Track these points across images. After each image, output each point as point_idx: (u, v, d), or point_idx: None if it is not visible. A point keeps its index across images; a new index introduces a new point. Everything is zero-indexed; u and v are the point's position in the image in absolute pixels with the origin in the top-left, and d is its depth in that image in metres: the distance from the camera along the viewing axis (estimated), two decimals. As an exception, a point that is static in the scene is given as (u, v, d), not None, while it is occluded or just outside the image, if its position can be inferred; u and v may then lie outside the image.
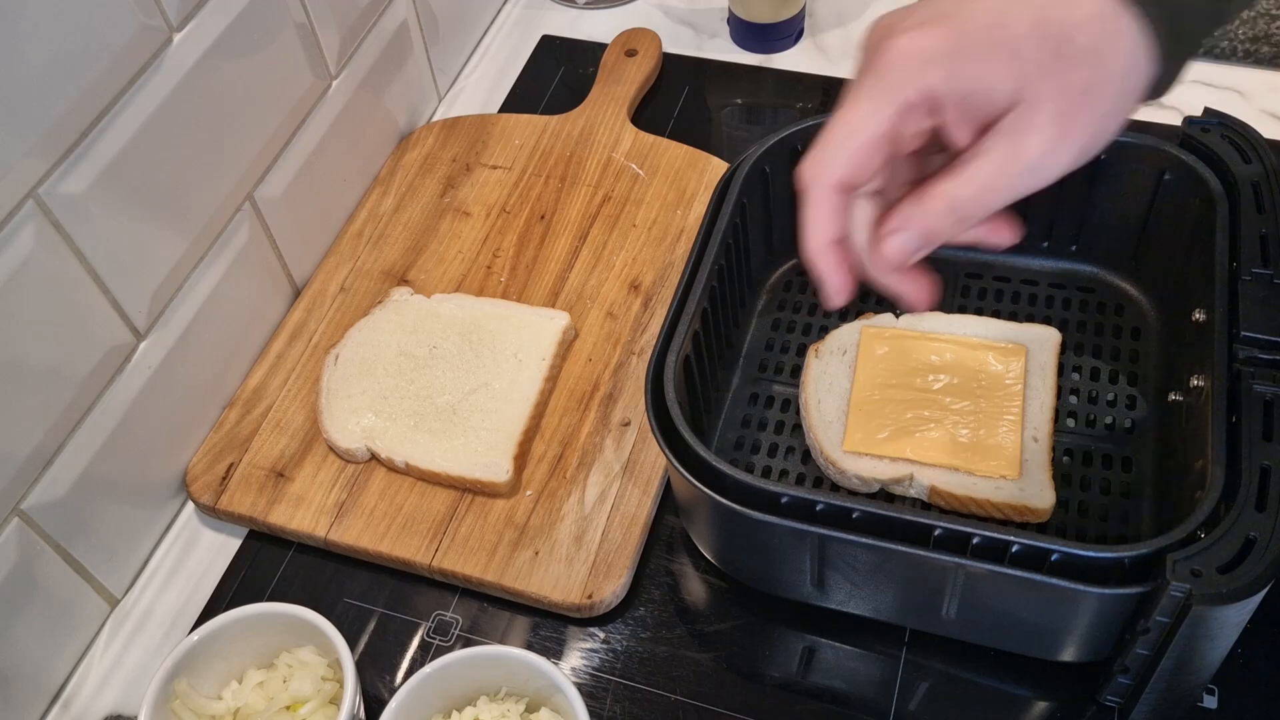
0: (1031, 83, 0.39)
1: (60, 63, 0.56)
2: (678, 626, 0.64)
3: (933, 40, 0.38)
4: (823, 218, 0.41)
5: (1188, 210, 0.66)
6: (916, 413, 0.66)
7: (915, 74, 0.38)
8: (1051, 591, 0.52)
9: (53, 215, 0.58)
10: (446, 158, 0.88)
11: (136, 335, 0.66)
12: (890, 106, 0.39)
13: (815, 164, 0.40)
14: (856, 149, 0.39)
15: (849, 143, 0.39)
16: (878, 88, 0.39)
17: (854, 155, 0.40)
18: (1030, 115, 0.39)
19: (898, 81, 0.38)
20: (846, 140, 0.39)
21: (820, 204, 0.41)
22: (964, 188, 0.41)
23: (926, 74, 0.38)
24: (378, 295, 0.79)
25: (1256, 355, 0.57)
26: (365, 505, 0.69)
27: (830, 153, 0.40)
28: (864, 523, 0.54)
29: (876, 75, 0.39)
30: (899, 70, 0.38)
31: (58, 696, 0.65)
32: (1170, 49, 0.40)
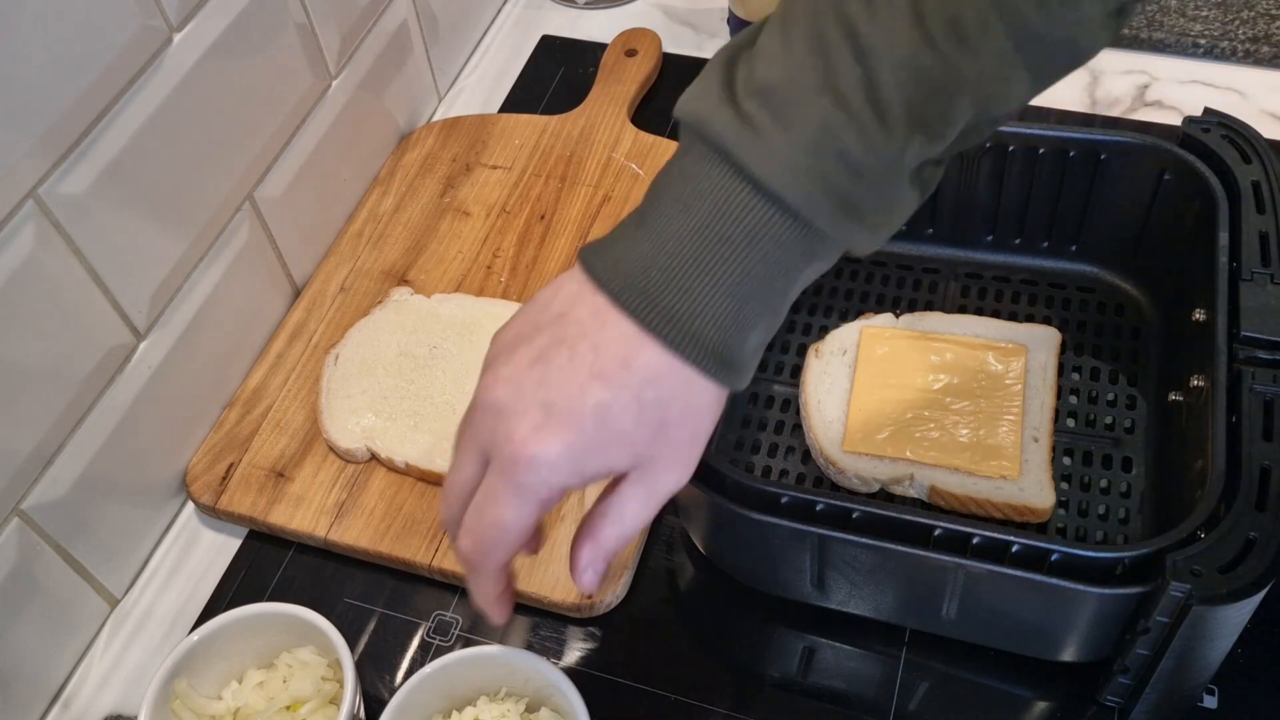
0: (646, 450, 0.45)
1: (60, 63, 0.56)
2: (678, 627, 0.64)
3: (556, 448, 0.43)
4: (490, 585, 0.48)
5: (1188, 210, 0.66)
6: (917, 413, 0.66)
7: (547, 479, 0.44)
8: (1051, 591, 0.52)
9: (53, 215, 0.58)
10: (446, 158, 0.88)
11: (136, 335, 0.66)
12: (530, 506, 0.44)
13: (478, 556, 0.46)
14: (512, 542, 0.45)
15: (504, 539, 0.45)
16: (517, 493, 0.44)
17: (511, 546, 0.46)
18: (653, 466, 0.45)
19: (533, 488, 0.44)
20: (501, 538, 0.45)
21: (487, 579, 0.48)
22: (623, 525, 0.46)
23: (556, 477, 0.44)
24: (378, 295, 0.79)
25: (1256, 355, 0.57)
26: (365, 505, 0.69)
27: (490, 549, 0.46)
28: (864, 523, 0.54)
29: (508, 478, 0.44)
30: (531, 478, 0.44)
31: (58, 696, 0.65)
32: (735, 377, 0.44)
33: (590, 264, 0.44)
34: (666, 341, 0.43)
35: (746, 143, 0.41)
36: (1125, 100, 0.87)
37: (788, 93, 0.40)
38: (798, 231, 0.42)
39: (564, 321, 0.44)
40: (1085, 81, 0.88)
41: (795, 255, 0.43)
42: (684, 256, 0.42)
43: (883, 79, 0.40)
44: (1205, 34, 0.89)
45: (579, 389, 0.43)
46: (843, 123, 0.40)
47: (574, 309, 0.44)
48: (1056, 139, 0.68)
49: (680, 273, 0.42)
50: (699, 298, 0.42)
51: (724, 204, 0.42)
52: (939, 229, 0.75)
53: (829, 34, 0.40)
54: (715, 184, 0.42)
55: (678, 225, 0.42)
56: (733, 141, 0.41)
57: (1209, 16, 0.90)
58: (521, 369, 0.44)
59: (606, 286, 0.43)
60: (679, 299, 0.42)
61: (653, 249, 0.43)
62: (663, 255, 0.43)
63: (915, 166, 0.42)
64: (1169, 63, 0.89)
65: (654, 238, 0.43)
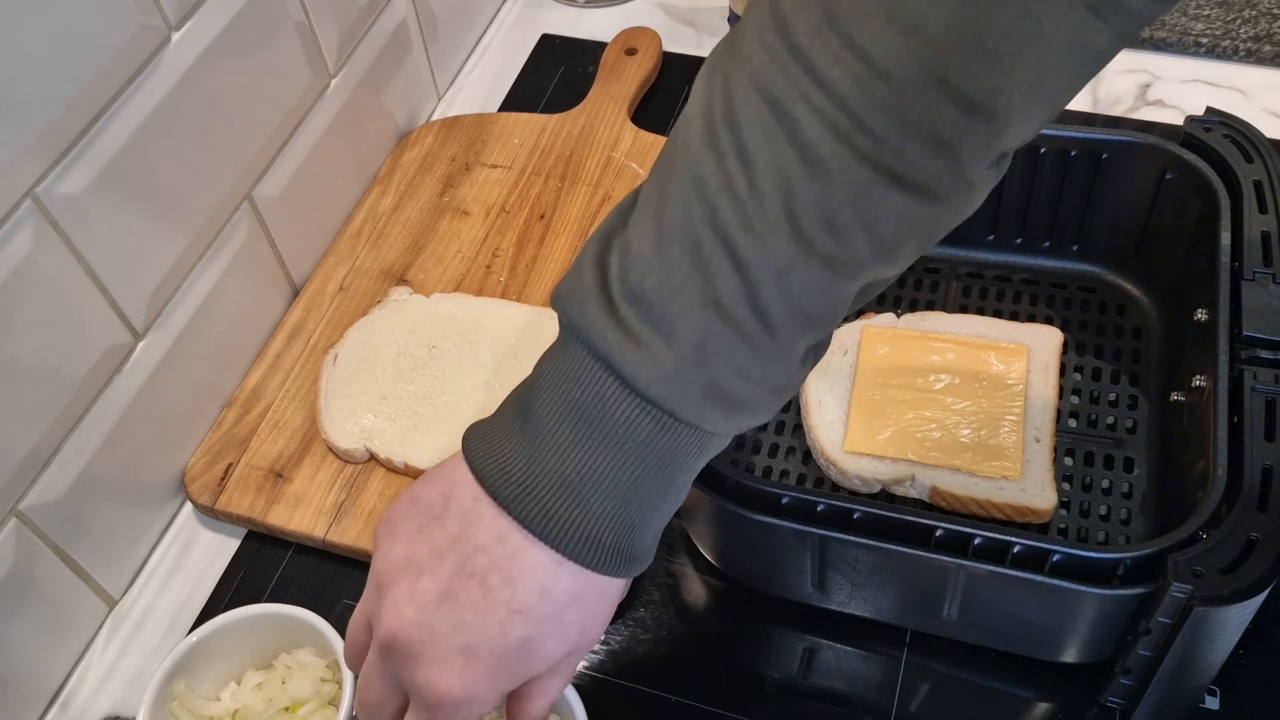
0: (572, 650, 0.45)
1: (58, 62, 0.56)
2: (678, 627, 0.64)
3: (481, 688, 0.43)
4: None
5: (1190, 209, 0.66)
6: (918, 413, 0.66)
7: (477, 712, 0.44)
8: (1053, 592, 0.52)
9: (51, 215, 0.58)
10: (446, 157, 0.87)
11: (135, 335, 0.66)
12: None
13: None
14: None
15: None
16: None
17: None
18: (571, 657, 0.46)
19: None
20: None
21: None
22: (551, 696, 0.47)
23: (484, 708, 0.44)
24: (377, 295, 0.79)
25: (1258, 355, 0.57)
26: (364, 506, 0.68)
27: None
28: (865, 523, 0.54)
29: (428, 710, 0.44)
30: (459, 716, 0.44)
31: (56, 697, 0.65)
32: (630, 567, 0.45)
33: (484, 472, 0.43)
34: (581, 562, 0.42)
35: (630, 356, 0.40)
36: (1127, 99, 0.87)
37: (668, 305, 0.40)
38: (690, 435, 0.42)
39: (466, 546, 0.43)
40: (1086, 80, 0.88)
41: (688, 453, 0.42)
42: (581, 471, 0.42)
43: (765, 291, 0.39)
44: (1207, 33, 0.89)
45: (500, 628, 0.42)
46: (728, 336, 0.40)
47: (475, 531, 0.43)
48: (1058, 138, 0.68)
49: (580, 488, 0.42)
50: (601, 514, 0.42)
51: (612, 414, 0.41)
52: (940, 228, 0.75)
53: (705, 247, 0.39)
54: (601, 394, 0.41)
55: (569, 435, 0.42)
56: (617, 355, 0.40)
57: (1211, 15, 0.90)
58: (430, 607, 0.43)
59: (510, 508, 0.42)
60: (584, 518, 0.42)
61: (544, 457, 0.42)
62: (559, 469, 0.42)
63: (803, 352, 0.42)
64: (1171, 62, 0.89)
65: (546, 447, 0.42)
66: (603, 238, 0.42)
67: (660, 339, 0.40)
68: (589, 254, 0.42)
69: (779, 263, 0.39)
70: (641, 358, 0.40)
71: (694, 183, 0.39)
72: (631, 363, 0.40)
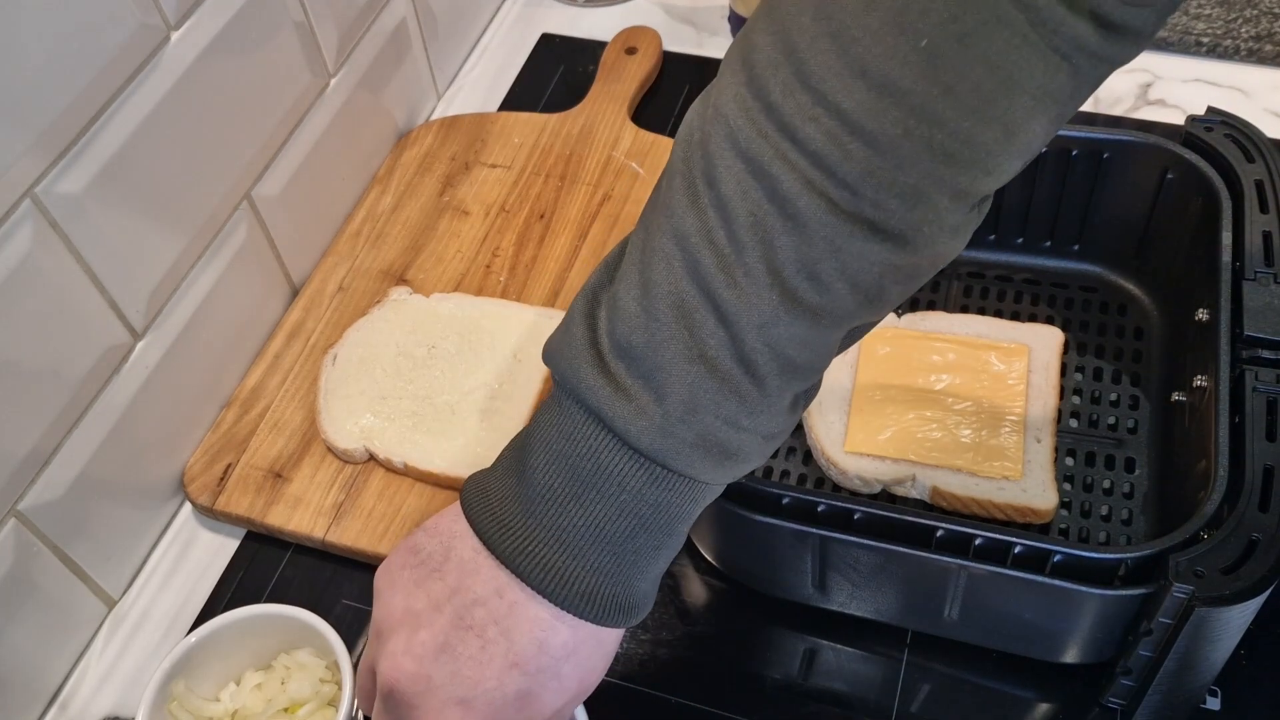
0: (575, 696, 0.45)
1: (57, 61, 0.56)
2: (678, 628, 0.64)
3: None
4: None
5: (1191, 209, 0.66)
6: (918, 413, 0.66)
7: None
8: (1054, 593, 0.52)
9: (50, 215, 0.57)
10: (445, 156, 0.87)
11: (134, 335, 0.65)
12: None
13: None
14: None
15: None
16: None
17: None
18: (573, 703, 0.46)
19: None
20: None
21: None
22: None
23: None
24: (376, 295, 0.79)
25: (1260, 355, 0.57)
26: (364, 506, 0.68)
27: None
28: (865, 524, 0.54)
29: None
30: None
31: (55, 698, 0.65)
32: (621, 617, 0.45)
33: (483, 526, 0.44)
34: (579, 614, 0.43)
35: (621, 411, 0.41)
36: (1128, 99, 0.87)
37: (655, 359, 0.40)
38: (683, 486, 0.42)
39: (464, 599, 0.43)
40: (1087, 80, 0.88)
41: (682, 503, 0.43)
42: (576, 524, 0.42)
43: (749, 343, 0.40)
44: (1208, 32, 0.89)
45: (497, 680, 0.43)
46: (715, 389, 0.40)
47: (473, 583, 0.43)
48: (1059, 138, 0.68)
49: (576, 542, 0.42)
50: (598, 567, 0.42)
51: (605, 467, 0.42)
52: (940, 228, 0.74)
53: (689, 301, 0.40)
54: (594, 448, 0.42)
55: (564, 490, 0.42)
56: (608, 409, 0.41)
57: (1212, 15, 0.90)
58: (428, 659, 0.43)
59: (509, 562, 0.43)
60: (581, 571, 0.42)
61: (539, 511, 0.43)
62: (555, 522, 0.42)
63: (791, 400, 0.42)
64: (1172, 61, 0.89)
65: (540, 500, 0.43)
66: (590, 293, 0.43)
67: (650, 393, 0.40)
68: (578, 309, 0.43)
69: (762, 315, 0.39)
70: (632, 412, 0.41)
71: (676, 237, 0.40)
72: (622, 418, 0.41)
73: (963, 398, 0.67)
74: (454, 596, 0.44)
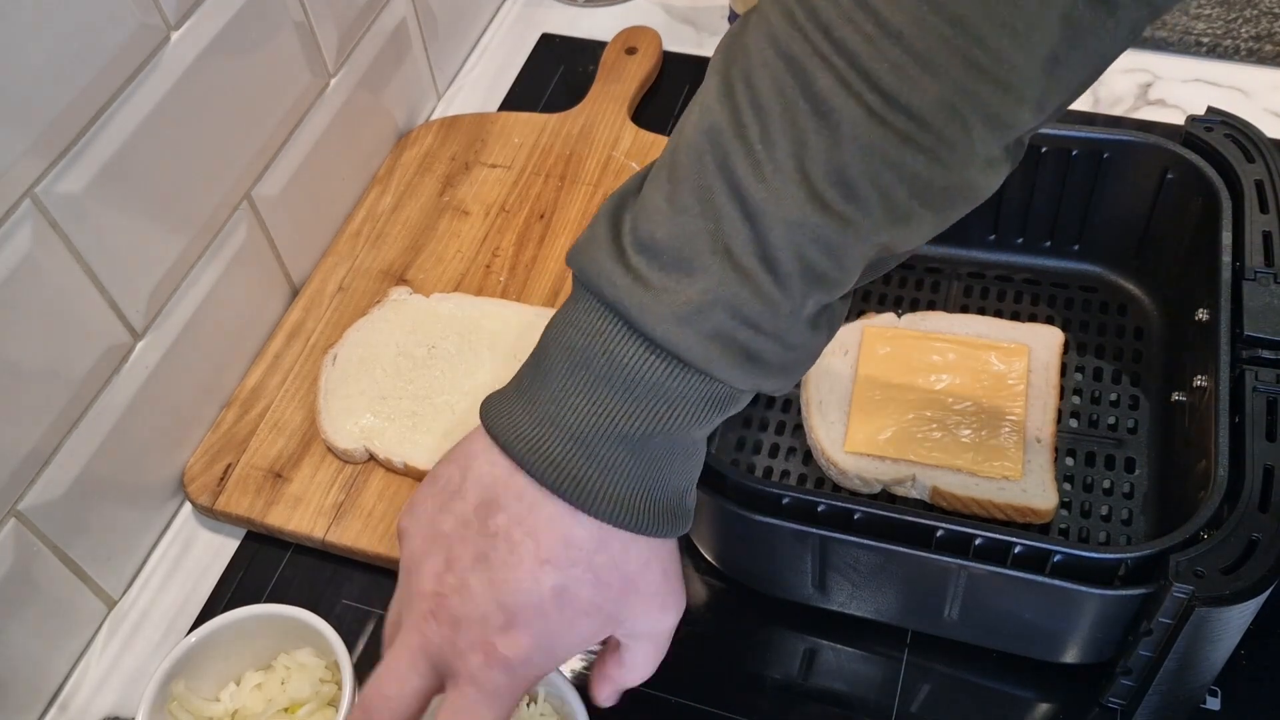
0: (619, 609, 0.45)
1: (57, 61, 0.56)
2: (678, 629, 0.64)
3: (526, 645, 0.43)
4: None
5: (1191, 209, 0.66)
6: (919, 413, 0.66)
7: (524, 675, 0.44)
8: (1054, 593, 0.52)
9: (50, 215, 0.57)
10: (445, 156, 0.87)
11: (134, 335, 0.65)
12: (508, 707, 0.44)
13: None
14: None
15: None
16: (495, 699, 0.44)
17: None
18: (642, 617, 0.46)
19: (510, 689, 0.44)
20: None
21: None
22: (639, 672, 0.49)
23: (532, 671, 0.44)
24: (376, 295, 0.79)
25: (1260, 355, 0.57)
26: (364, 506, 0.68)
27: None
28: (866, 524, 0.54)
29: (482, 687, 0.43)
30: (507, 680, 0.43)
31: (55, 698, 0.65)
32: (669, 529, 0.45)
33: (498, 433, 0.43)
34: (592, 513, 0.42)
35: (639, 301, 0.40)
36: (1128, 99, 0.87)
37: (678, 251, 0.40)
38: (700, 384, 0.41)
39: (487, 509, 0.43)
40: (1087, 80, 0.88)
41: (700, 406, 0.42)
42: (590, 421, 0.42)
43: (774, 240, 0.39)
44: (1208, 32, 0.89)
45: (531, 580, 0.43)
46: (736, 282, 0.39)
47: (496, 494, 0.43)
48: (1059, 138, 0.68)
49: (589, 439, 0.42)
50: (612, 464, 0.42)
51: (619, 359, 0.41)
52: (940, 228, 0.74)
53: (717, 194, 0.39)
54: (611, 342, 0.41)
55: (578, 386, 0.42)
56: (626, 300, 0.40)
57: (1212, 15, 0.90)
58: (465, 572, 0.43)
59: (522, 464, 0.42)
60: (593, 469, 0.42)
61: (552, 411, 0.42)
62: (568, 421, 0.42)
63: (815, 312, 0.42)
64: (1172, 61, 0.89)
65: (556, 401, 0.42)
66: (618, 198, 0.43)
67: (670, 283, 0.40)
68: (603, 212, 0.43)
69: (789, 214, 0.39)
70: (649, 300, 0.40)
71: (708, 134, 0.40)
72: (639, 305, 0.40)
73: (963, 398, 0.67)
74: (478, 510, 0.43)
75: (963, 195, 0.40)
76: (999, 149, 0.39)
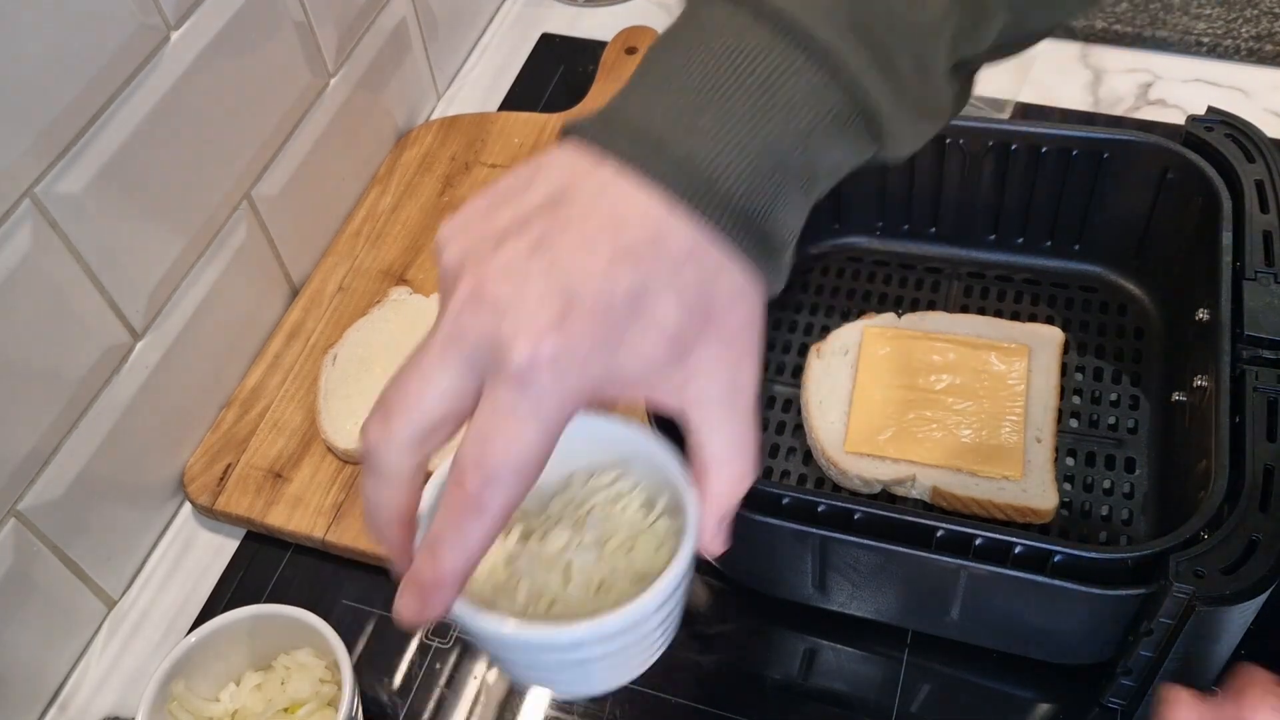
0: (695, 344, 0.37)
1: (57, 61, 0.56)
2: (678, 627, 0.64)
3: (586, 344, 0.35)
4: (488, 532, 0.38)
5: (1191, 209, 0.66)
6: (919, 413, 0.66)
7: (575, 385, 0.35)
8: (1054, 593, 0.52)
9: (49, 215, 0.57)
10: (445, 156, 0.87)
11: (133, 335, 0.65)
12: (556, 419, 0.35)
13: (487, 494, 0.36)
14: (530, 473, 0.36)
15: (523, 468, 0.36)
16: (539, 405, 0.35)
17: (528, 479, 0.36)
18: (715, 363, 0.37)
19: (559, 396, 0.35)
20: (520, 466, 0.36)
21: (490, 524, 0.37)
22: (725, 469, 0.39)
23: (585, 381, 0.35)
24: (376, 294, 0.79)
25: (1260, 355, 0.57)
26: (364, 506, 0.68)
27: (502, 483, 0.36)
28: (866, 524, 0.54)
29: (526, 387, 0.34)
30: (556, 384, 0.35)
31: (55, 698, 0.65)
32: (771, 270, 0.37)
33: (582, 130, 0.36)
34: (692, 202, 0.35)
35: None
36: (1128, 99, 0.87)
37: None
38: (823, 79, 0.35)
39: (562, 204, 0.36)
40: (1088, 80, 0.88)
41: (821, 111, 0.35)
42: (695, 98, 0.35)
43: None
44: (1209, 32, 0.89)
45: (604, 272, 0.34)
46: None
47: (571, 184, 0.36)
48: (1059, 138, 0.68)
49: (692, 113, 0.35)
50: (718, 142, 0.35)
51: (739, 41, 0.35)
52: (941, 228, 0.74)
53: None
54: (727, 21, 0.35)
55: (683, 66, 0.35)
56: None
57: (1212, 15, 0.90)
58: (519, 260, 0.35)
59: (611, 148, 0.35)
60: (696, 142, 0.35)
61: (656, 95, 0.36)
62: (670, 98, 0.35)
63: (950, 55, 0.37)
64: (1172, 61, 0.89)
65: (656, 84, 0.36)
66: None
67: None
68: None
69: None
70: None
71: None
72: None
73: (963, 398, 0.67)
74: (545, 203, 0.36)
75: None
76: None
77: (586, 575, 0.43)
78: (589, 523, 0.44)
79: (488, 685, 0.63)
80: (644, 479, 0.44)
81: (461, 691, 0.63)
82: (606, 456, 0.45)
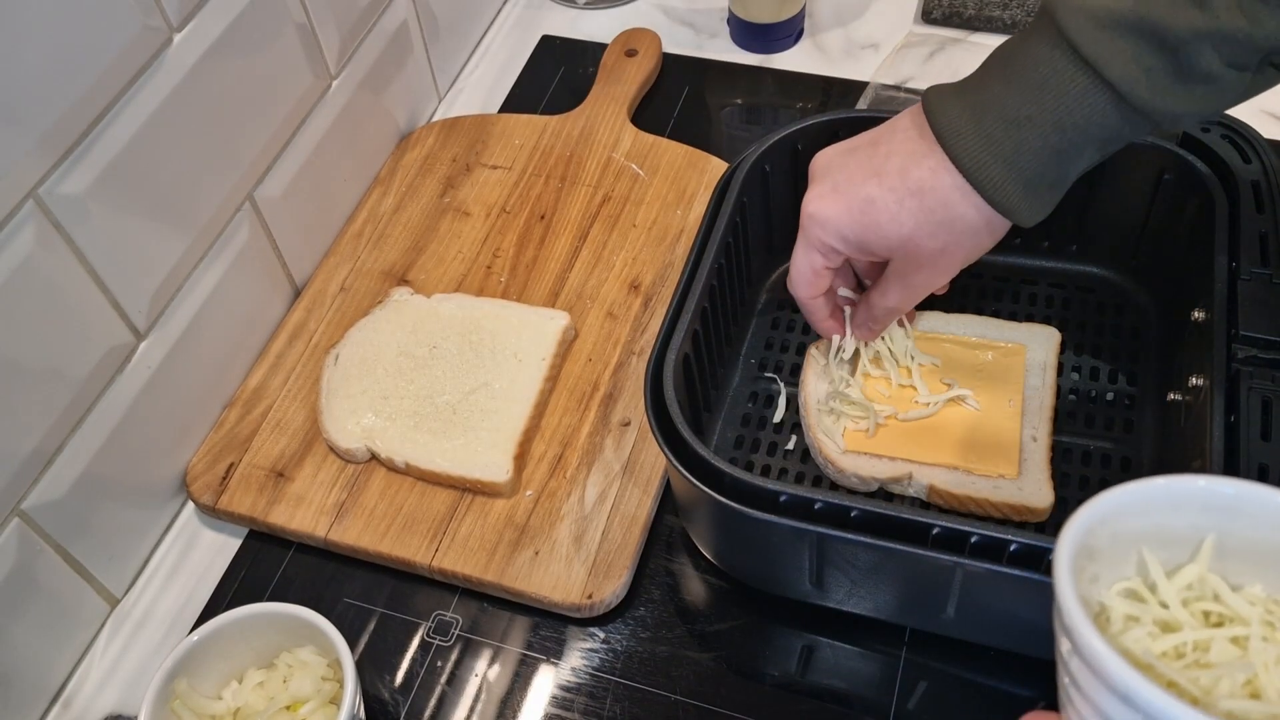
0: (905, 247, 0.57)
1: (60, 63, 0.56)
2: (677, 626, 0.64)
3: (828, 213, 0.58)
4: (810, 314, 0.65)
5: (1187, 210, 0.66)
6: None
7: (819, 235, 0.59)
8: (1050, 590, 0.52)
9: (53, 215, 0.58)
10: (446, 157, 0.88)
11: (136, 335, 0.66)
12: (812, 254, 0.60)
13: (791, 288, 0.63)
14: (806, 282, 0.62)
15: (799, 278, 0.62)
16: (804, 240, 0.60)
17: (806, 284, 0.62)
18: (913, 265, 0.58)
19: (811, 240, 0.59)
20: (798, 277, 0.61)
21: (806, 305, 0.64)
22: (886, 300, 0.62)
23: (828, 236, 0.58)
24: (378, 295, 0.79)
25: (1255, 355, 0.57)
26: (365, 505, 0.69)
27: (794, 283, 0.62)
28: (863, 521, 0.54)
29: (802, 231, 0.60)
30: (811, 230, 0.59)
31: (58, 696, 0.65)
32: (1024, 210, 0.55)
33: (929, 103, 0.55)
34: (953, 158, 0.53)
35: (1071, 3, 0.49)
36: (1125, 100, 0.87)
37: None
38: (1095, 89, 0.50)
39: (885, 132, 0.57)
40: (1085, 81, 0.88)
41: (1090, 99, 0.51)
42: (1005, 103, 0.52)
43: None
44: (1205, 33, 0.89)
45: (859, 180, 0.56)
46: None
47: (896, 124, 0.57)
48: (1056, 138, 0.68)
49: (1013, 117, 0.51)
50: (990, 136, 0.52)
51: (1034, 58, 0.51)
52: (938, 229, 0.75)
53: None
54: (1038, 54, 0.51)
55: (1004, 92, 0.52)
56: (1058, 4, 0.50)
57: (1209, 16, 0.90)
58: (838, 155, 0.59)
59: (926, 108, 0.54)
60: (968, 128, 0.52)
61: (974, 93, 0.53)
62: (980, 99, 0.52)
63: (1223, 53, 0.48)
64: (1169, 62, 0.89)
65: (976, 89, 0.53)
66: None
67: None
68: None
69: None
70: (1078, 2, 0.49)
71: None
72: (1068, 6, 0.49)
73: (960, 397, 0.67)
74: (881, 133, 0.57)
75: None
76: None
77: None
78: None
79: (488, 683, 0.63)
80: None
81: (463, 689, 0.63)
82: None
